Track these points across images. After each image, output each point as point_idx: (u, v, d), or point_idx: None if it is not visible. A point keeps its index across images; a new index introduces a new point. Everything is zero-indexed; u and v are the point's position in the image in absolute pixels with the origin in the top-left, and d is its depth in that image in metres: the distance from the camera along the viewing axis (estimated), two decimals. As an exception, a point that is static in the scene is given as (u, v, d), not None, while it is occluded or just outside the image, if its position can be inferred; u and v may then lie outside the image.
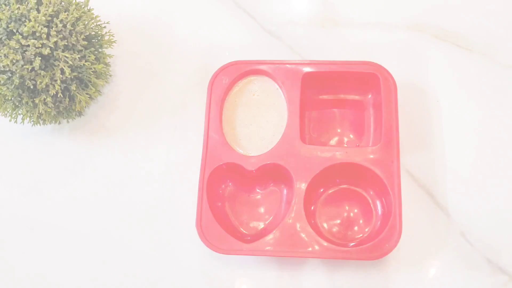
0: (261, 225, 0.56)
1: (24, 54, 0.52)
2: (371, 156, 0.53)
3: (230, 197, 0.57)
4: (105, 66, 0.61)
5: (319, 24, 0.66)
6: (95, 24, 0.59)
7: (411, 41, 0.64)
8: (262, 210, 0.57)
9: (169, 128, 0.62)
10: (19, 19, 0.53)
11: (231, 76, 0.58)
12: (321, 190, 0.56)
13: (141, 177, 0.60)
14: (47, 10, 0.53)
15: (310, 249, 0.51)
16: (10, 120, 0.59)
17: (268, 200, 0.57)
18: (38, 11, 0.53)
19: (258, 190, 0.58)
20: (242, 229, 0.56)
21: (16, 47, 0.52)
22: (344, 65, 0.57)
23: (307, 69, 0.57)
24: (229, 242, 0.52)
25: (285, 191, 0.57)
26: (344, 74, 0.58)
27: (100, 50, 0.60)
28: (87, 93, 0.59)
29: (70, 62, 0.54)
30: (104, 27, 0.61)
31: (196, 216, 0.53)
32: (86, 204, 0.60)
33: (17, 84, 0.53)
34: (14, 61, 0.52)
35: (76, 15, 0.55)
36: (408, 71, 0.62)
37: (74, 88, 0.56)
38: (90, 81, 0.58)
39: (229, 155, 0.55)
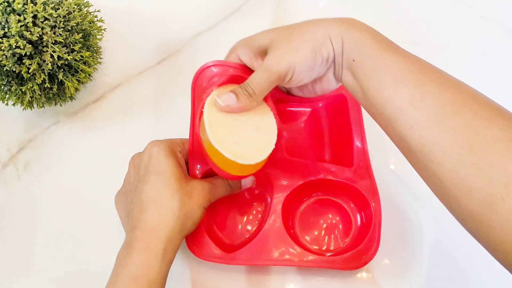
0: (244, 233, 0.57)
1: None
2: (351, 174, 0.55)
3: (215, 205, 0.55)
4: (93, 54, 0.60)
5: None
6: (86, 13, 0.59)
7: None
8: (245, 218, 0.57)
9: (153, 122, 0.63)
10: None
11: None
12: (302, 201, 0.58)
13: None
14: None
15: (287, 256, 0.53)
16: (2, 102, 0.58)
17: (251, 209, 0.58)
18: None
19: (244, 197, 0.58)
20: (224, 237, 0.56)
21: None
22: None
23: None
24: (212, 249, 0.52)
25: (268, 200, 0.57)
26: None
27: (89, 37, 0.59)
28: (77, 79, 0.58)
29: (58, 54, 0.53)
30: (95, 15, 0.60)
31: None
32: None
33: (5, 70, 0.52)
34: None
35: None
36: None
37: (61, 76, 0.55)
38: (79, 68, 0.57)
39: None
